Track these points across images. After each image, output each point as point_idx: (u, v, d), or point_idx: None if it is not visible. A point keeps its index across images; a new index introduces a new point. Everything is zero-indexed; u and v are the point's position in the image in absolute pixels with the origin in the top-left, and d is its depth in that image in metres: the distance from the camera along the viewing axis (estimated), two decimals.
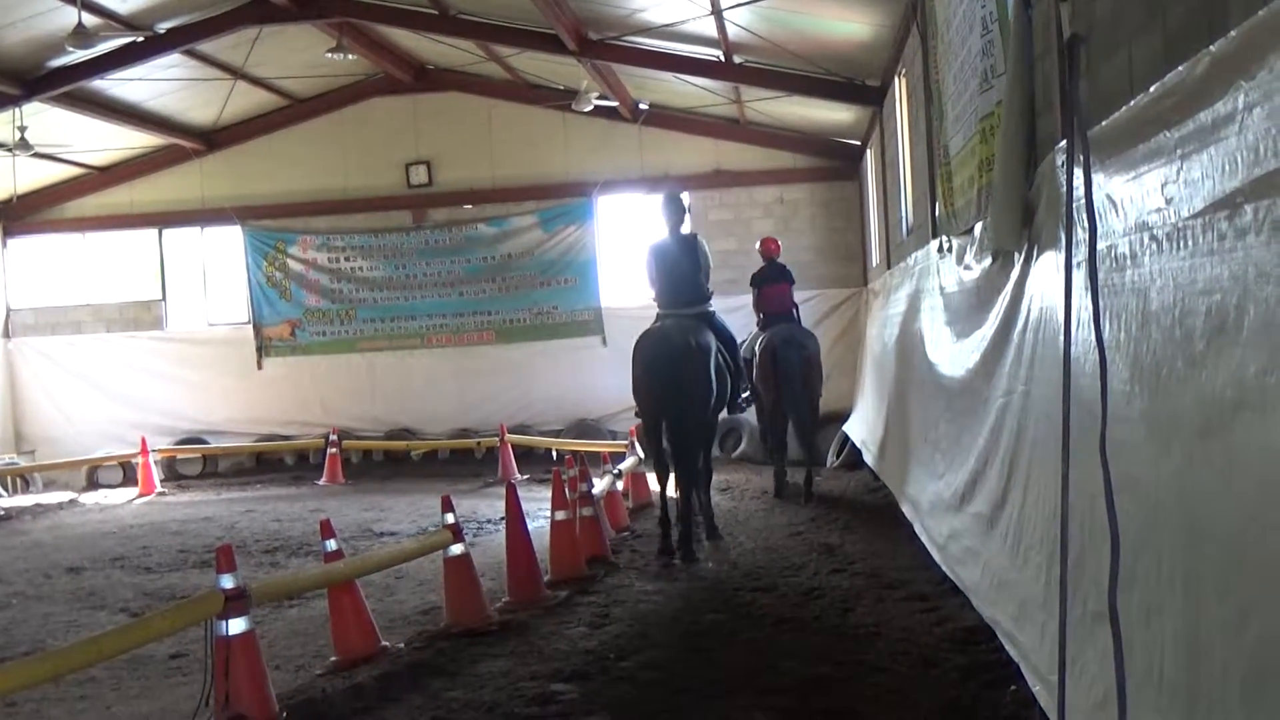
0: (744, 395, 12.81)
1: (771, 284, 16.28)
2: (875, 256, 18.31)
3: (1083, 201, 4.14)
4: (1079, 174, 4.23)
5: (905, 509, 10.63)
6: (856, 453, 16.76)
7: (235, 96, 19.92)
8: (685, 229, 12.52)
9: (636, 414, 12.62)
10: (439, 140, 21.67)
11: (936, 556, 8.49)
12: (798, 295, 20.09)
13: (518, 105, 21.25)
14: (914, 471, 10.32)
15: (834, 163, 20.68)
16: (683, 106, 20.38)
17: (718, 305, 12.65)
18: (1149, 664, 3.56)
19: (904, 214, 13.86)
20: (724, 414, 12.44)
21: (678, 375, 11.35)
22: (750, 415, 19.37)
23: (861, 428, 16.58)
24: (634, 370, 11.81)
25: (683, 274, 12.03)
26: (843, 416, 18.84)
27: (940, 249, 9.23)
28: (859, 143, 19.44)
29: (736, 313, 19.55)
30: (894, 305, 13.20)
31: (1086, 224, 4.11)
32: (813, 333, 16.30)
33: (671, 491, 11.96)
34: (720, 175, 21.00)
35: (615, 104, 19.72)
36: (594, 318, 21.28)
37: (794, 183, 20.90)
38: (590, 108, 19.49)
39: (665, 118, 20.91)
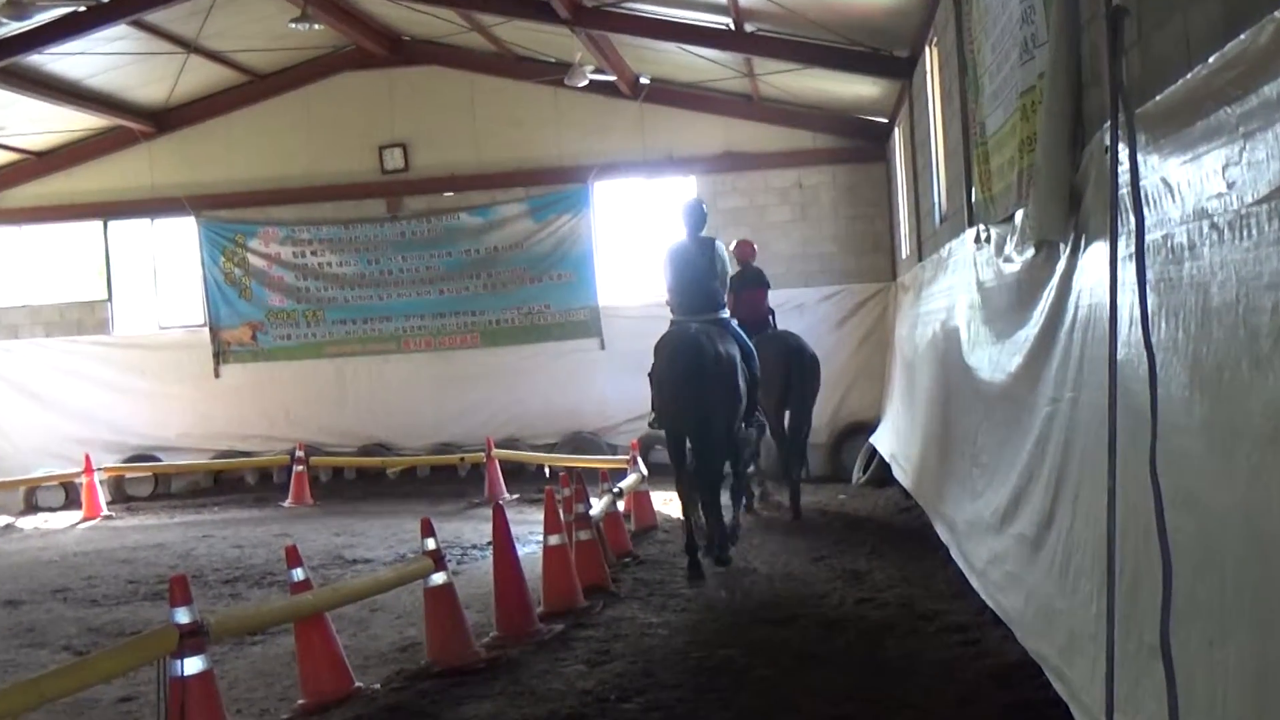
0: (757, 411, 13.61)
1: (749, 289, 16.68)
2: (905, 247, 18.33)
3: (1130, 187, 4.14)
4: (1125, 156, 4.24)
5: (940, 530, 10.62)
6: (885, 468, 16.78)
7: (188, 73, 19.92)
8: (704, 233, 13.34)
9: (651, 424, 13.44)
10: (416, 120, 21.70)
11: (975, 583, 8.49)
12: (816, 291, 20.31)
13: (504, 81, 21.27)
14: (950, 488, 10.32)
15: (858, 143, 20.69)
16: (689, 81, 20.39)
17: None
18: (1210, 699, 3.56)
19: (937, 200, 13.86)
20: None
21: (706, 386, 12.07)
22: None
23: (891, 440, 16.59)
24: (656, 380, 12.64)
25: (699, 279, 12.80)
26: (869, 427, 18.93)
27: (977, 239, 9.24)
28: (886, 120, 19.44)
29: None
30: (926, 302, 13.24)
31: (1133, 211, 4.11)
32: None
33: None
34: (731, 158, 21.02)
35: (613, 79, 19.73)
36: (591, 318, 21.30)
37: (813, 165, 20.91)
38: (585, 83, 19.47)
39: (669, 94, 20.92)
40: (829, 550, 13.08)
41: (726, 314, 13.06)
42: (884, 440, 17.34)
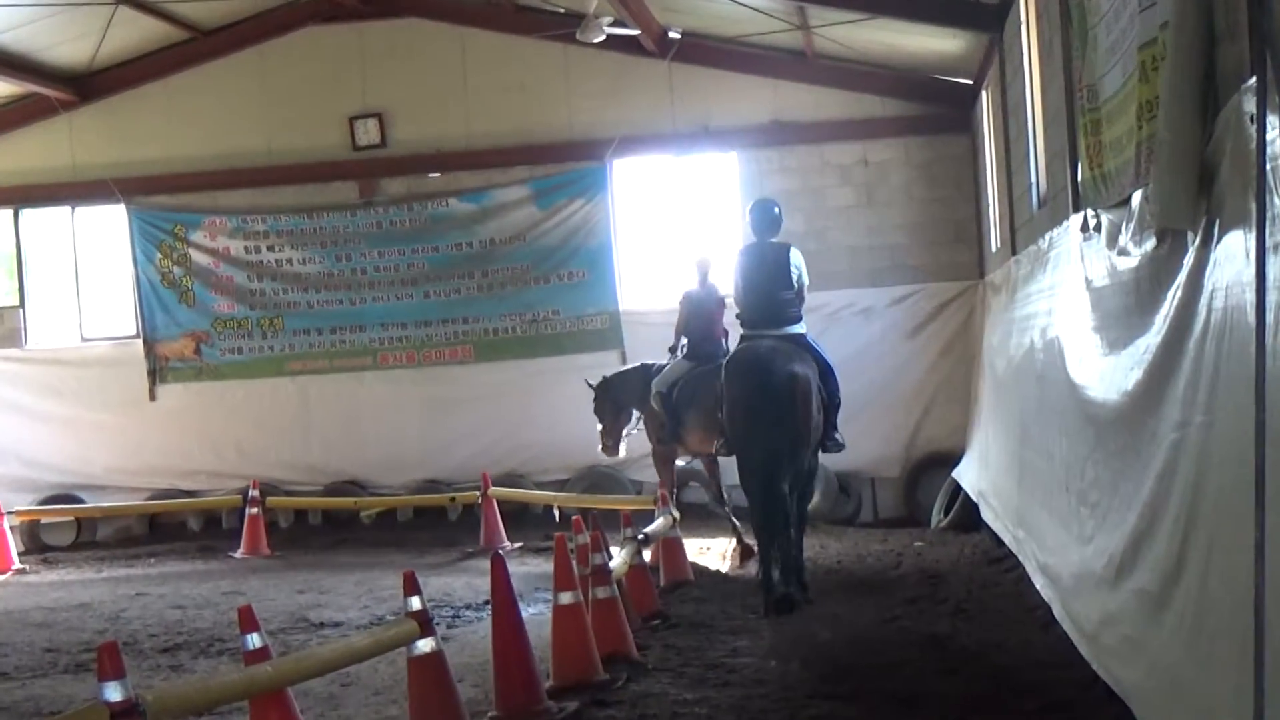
0: (837, 434, 14.21)
1: (708, 309, 17.58)
2: (995, 238, 18.31)
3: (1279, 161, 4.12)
4: (1273, 124, 4.21)
5: (1040, 584, 10.60)
6: (971, 508, 16.80)
7: (117, 28, 20.00)
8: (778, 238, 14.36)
9: (717, 452, 15.00)
10: (394, 85, 21.76)
11: (1084, 650, 8.46)
12: (885, 292, 20.43)
13: (501, 36, 21.34)
14: (1052, 533, 10.28)
15: (937, 109, 20.69)
16: (728, 35, 20.41)
17: None
18: None
19: (1034, 179, 13.83)
20: None
21: (778, 411, 13.01)
22: (825, 461, 19.59)
23: (978, 474, 16.58)
24: (726, 404, 13.56)
25: (771, 288, 13.79)
26: (952, 460, 18.98)
27: (1085, 227, 9.22)
28: (970, 82, 19.43)
29: (807, 317, 19.58)
30: (1021, 305, 13.20)
31: None
32: None
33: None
34: (780, 129, 21.02)
35: (635, 32, 19.72)
36: (610, 325, 21.36)
37: (881, 137, 20.90)
38: (601, 38, 19.51)
39: (704, 50, 20.95)
40: (902, 610, 13.02)
41: (803, 328, 13.97)
42: (970, 475, 17.32)
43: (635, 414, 18.17)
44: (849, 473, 20.27)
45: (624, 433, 18.39)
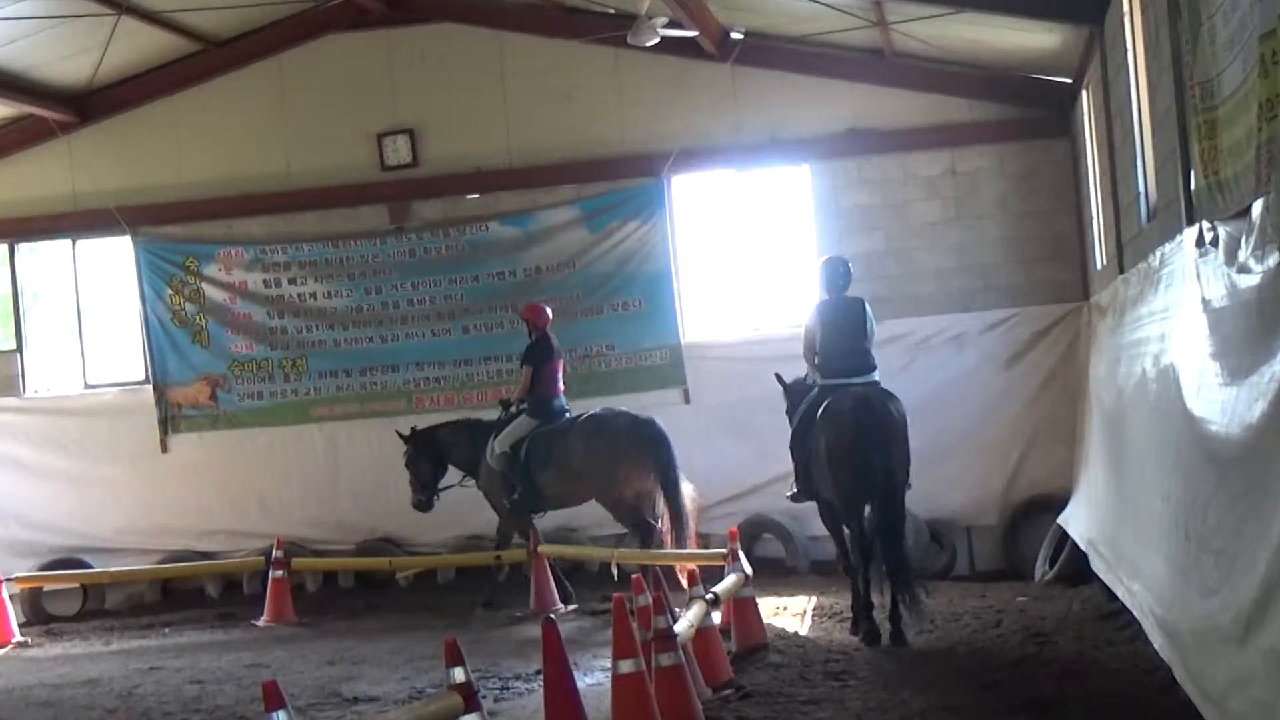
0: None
1: (550, 362, 19.27)
2: (1100, 255, 18.22)
3: None
4: None
5: (1157, 642, 10.51)
6: (1080, 558, 16.68)
7: (120, 41, 20.08)
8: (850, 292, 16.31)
9: (793, 497, 16.66)
10: (426, 98, 21.86)
11: (1209, 716, 8.40)
12: (978, 317, 20.58)
13: (544, 40, 21.46)
14: (1171, 585, 10.21)
15: (1032, 112, 20.64)
16: (797, 34, 20.43)
17: None
18: None
19: (1142, 188, 13.77)
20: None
21: (890, 449, 15.05)
22: (914, 506, 19.57)
23: (1087, 520, 16.48)
24: (830, 444, 15.13)
25: (855, 341, 15.91)
26: (1057, 504, 18.87)
27: (1200, 241, 9.14)
28: (1069, 81, 19.37)
29: (890, 346, 19.73)
30: (1131, 329, 13.11)
31: None
32: None
33: None
34: (857, 137, 21.02)
35: (694, 34, 19.72)
36: (671, 360, 21.35)
37: (971, 144, 20.87)
38: (656, 40, 19.46)
39: (770, 52, 20.98)
40: (1004, 674, 12.98)
41: (878, 375, 15.97)
42: (1077, 521, 17.22)
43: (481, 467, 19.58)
44: (941, 520, 20.24)
45: (439, 487, 19.87)
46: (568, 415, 19.30)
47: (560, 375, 19.38)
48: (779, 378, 17.43)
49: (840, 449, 15.03)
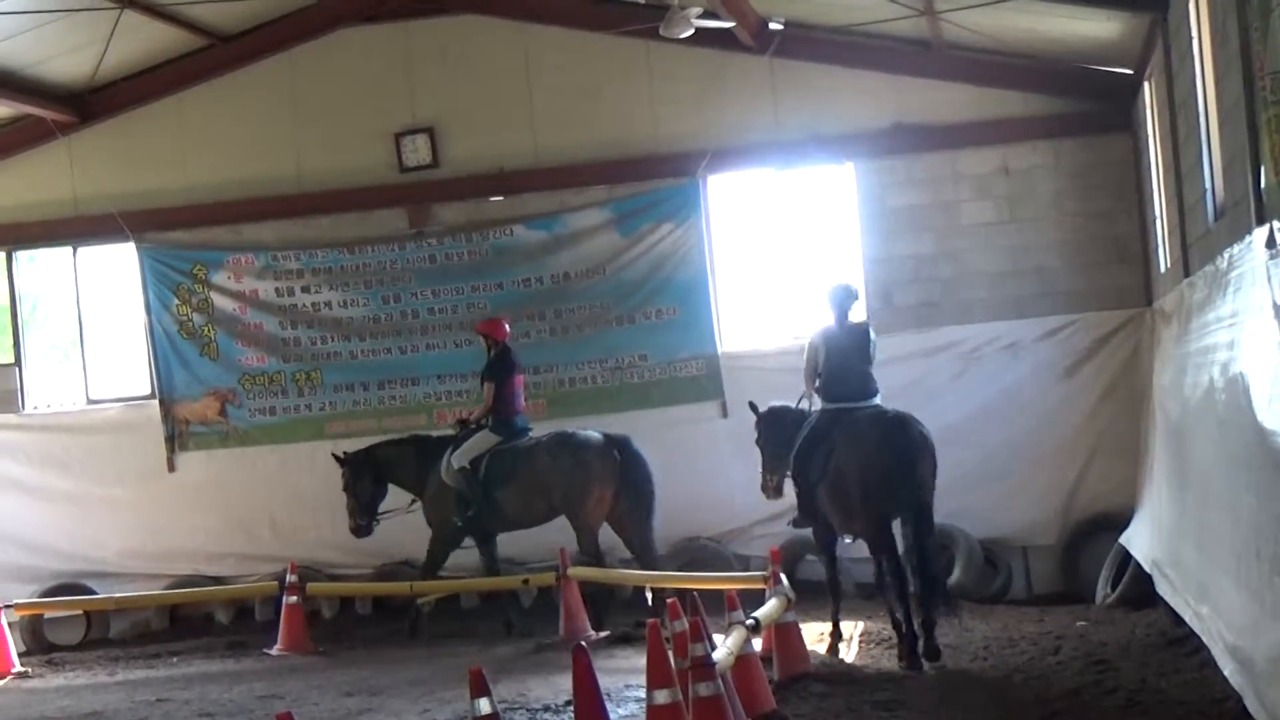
0: None
1: (510, 378, 19.78)
2: (1164, 257, 18.11)
3: None
4: None
5: (1228, 670, 10.50)
6: (1144, 580, 16.56)
7: (122, 36, 20.01)
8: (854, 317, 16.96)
9: (793, 522, 17.23)
10: (447, 94, 21.81)
11: None
12: (1033, 324, 20.80)
13: (571, 33, 21.43)
14: (1242, 608, 10.15)
15: (1090, 106, 20.50)
16: (839, 24, 20.31)
17: (910, 341, 18.92)
18: None
19: (1209, 186, 13.67)
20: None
21: (924, 472, 15.72)
22: (967, 525, 19.51)
23: (1151, 539, 16.44)
24: (863, 466, 15.68)
25: (863, 366, 16.57)
26: (1119, 523, 18.74)
27: (1271, 242, 9.08)
28: (1130, 72, 19.25)
29: (941, 355, 19.53)
30: (1198, 336, 12.99)
31: None
32: None
33: None
34: (903, 133, 20.92)
35: (730, 24, 19.63)
36: (708, 371, 21.21)
37: (1025, 140, 20.76)
38: (690, 32, 19.38)
39: (811, 43, 20.92)
40: (1064, 703, 12.90)
41: (880, 400, 16.55)
42: (1141, 541, 17.16)
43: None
44: (997, 540, 20.20)
45: (380, 510, 20.16)
46: (529, 433, 19.67)
47: (520, 391, 19.76)
48: (753, 406, 17.82)
49: (876, 469, 15.59)
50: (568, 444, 19.29)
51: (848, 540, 17.45)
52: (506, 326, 19.84)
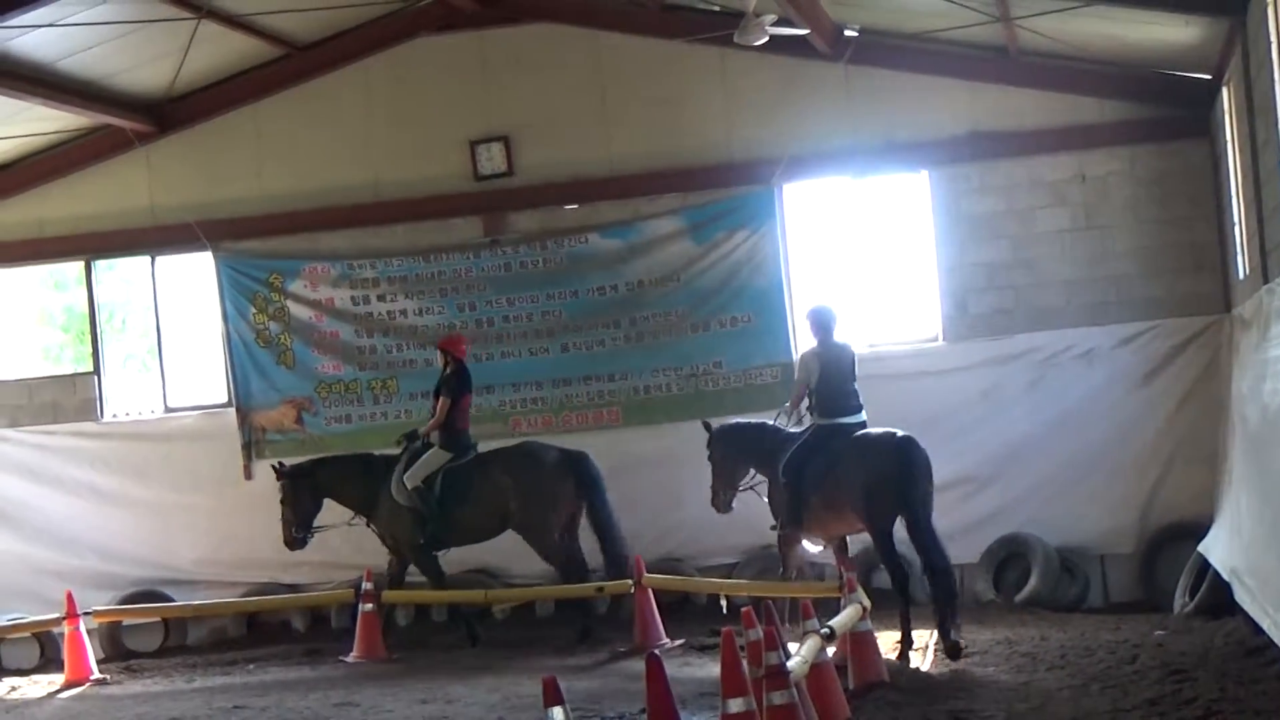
0: None
1: (466, 393, 20.24)
2: (1243, 263, 18.00)
3: None
4: None
5: None
6: (1223, 589, 16.48)
7: (199, 47, 20.19)
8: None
9: (779, 526, 17.87)
10: (522, 103, 21.88)
11: None
12: (1110, 331, 20.79)
13: (645, 41, 21.46)
14: None
15: (1168, 112, 20.41)
16: (914, 30, 20.39)
17: (984, 349, 20.23)
18: None
19: None
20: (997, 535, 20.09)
21: (927, 484, 16.81)
22: (1044, 534, 19.57)
23: (1229, 547, 16.32)
24: (876, 476, 16.73)
25: (850, 384, 17.73)
26: (1197, 531, 18.64)
27: None
28: (1208, 77, 19.12)
29: (1017, 363, 19.68)
30: (1277, 343, 13.08)
31: None
32: None
33: None
34: (979, 140, 20.90)
35: (804, 32, 19.62)
36: (783, 379, 21.12)
37: (1101, 147, 20.69)
38: (764, 39, 19.32)
39: (886, 50, 20.93)
40: (1141, 713, 12.81)
41: (865, 416, 17.71)
42: (1220, 549, 17.01)
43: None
44: (1074, 549, 20.14)
45: (314, 525, 20.43)
46: (475, 450, 20.09)
47: (469, 410, 20.25)
48: (706, 425, 18.74)
49: (889, 479, 16.69)
50: (524, 459, 19.77)
51: (819, 548, 18.64)
52: (465, 346, 20.30)
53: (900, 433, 17.00)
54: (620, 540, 19.69)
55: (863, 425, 17.47)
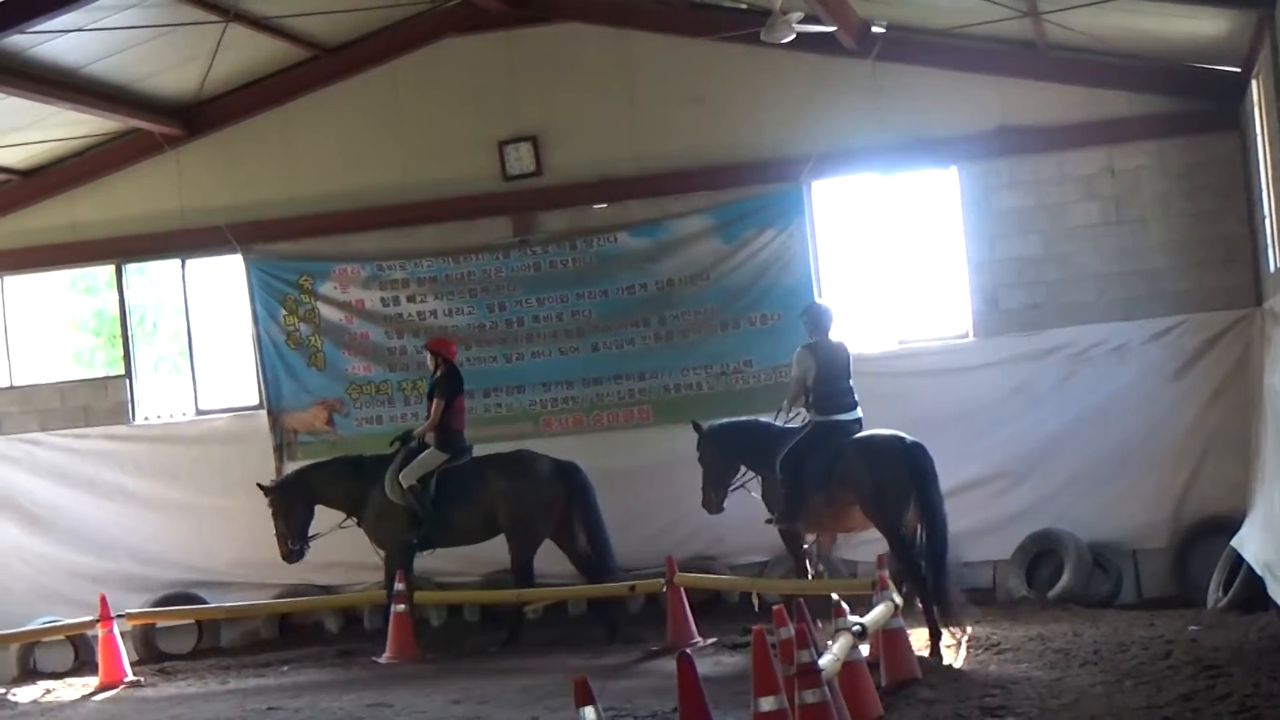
0: None
1: (459, 394, 20.30)
2: (1274, 256, 17.95)
3: None
4: None
5: None
6: (1257, 583, 16.53)
7: (228, 50, 20.29)
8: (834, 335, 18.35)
9: (777, 520, 18.01)
10: (550, 102, 21.94)
11: None
12: (1141, 326, 20.71)
13: (673, 39, 21.48)
14: None
15: (1197, 105, 20.35)
16: (942, 27, 20.37)
17: (1016, 344, 20.29)
18: None
19: None
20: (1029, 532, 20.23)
21: (935, 481, 17.09)
22: (1076, 529, 19.55)
23: (1263, 542, 16.33)
24: (885, 474, 17.07)
25: (846, 379, 18.03)
26: (1231, 526, 18.61)
27: None
28: (1237, 70, 19.04)
29: (1048, 358, 19.71)
30: None
31: None
32: None
33: None
34: (1008, 135, 20.86)
35: (832, 29, 19.55)
36: None
37: (1130, 140, 20.61)
38: (791, 37, 19.25)
39: (914, 47, 20.92)
40: (1175, 709, 12.75)
41: (861, 413, 18.06)
42: (1253, 543, 17.01)
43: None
44: (1106, 544, 20.10)
45: (310, 533, 20.57)
46: (471, 452, 20.21)
47: (464, 411, 20.31)
48: (696, 425, 18.90)
49: (899, 479, 17.06)
50: (518, 466, 19.95)
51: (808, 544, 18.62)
52: (455, 348, 20.49)
53: (909, 437, 17.30)
54: (610, 552, 19.91)
55: (858, 422, 17.81)
